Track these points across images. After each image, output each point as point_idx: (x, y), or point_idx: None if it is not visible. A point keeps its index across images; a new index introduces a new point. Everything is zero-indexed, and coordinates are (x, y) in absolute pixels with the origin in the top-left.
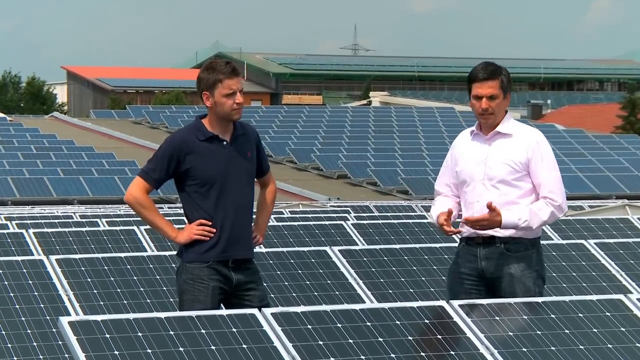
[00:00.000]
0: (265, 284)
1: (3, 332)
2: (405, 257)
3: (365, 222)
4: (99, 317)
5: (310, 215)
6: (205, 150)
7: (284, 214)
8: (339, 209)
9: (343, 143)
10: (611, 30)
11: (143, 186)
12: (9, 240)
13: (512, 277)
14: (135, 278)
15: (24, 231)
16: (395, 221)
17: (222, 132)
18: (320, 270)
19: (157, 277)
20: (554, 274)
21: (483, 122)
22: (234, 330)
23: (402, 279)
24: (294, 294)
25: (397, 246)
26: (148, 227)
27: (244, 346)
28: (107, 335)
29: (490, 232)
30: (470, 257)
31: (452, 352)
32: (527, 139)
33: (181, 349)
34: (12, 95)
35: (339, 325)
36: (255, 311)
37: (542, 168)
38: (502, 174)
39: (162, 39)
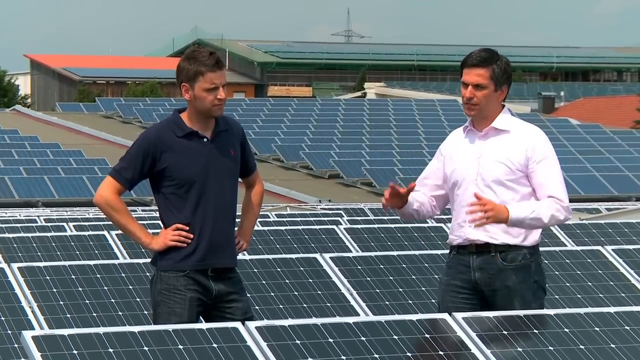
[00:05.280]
0: (249, 295)
1: None
2: (404, 265)
3: (359, 226)
4: (65, 332)
5: (298, 219)
6: (183, 147)
7: (269, 217)
8: (330, 211)
9: (335, 139)
10: (630, 15)
11: (114, 187)
12: None
13: (510, 290)
14: (105, 288)
15: None
16: (392, 225)
17: (203, 127)
18: (310, 280)
19: (130, 287)
20: (567, 284)
21: (467, 113)
22: (215, 345)
23: (400, 289)
24: (280, 306)
25: (395, 253)
26: (120, 232)
27: None
28: (75, 352)
29: (484, 238)
30: (462, 267)
31: None
32: (526, 136)
33: None
34: None
35: (331, 340)
36: (238, 324)
37: (543, 168)
38: (497, 174)
39: (136, 25)
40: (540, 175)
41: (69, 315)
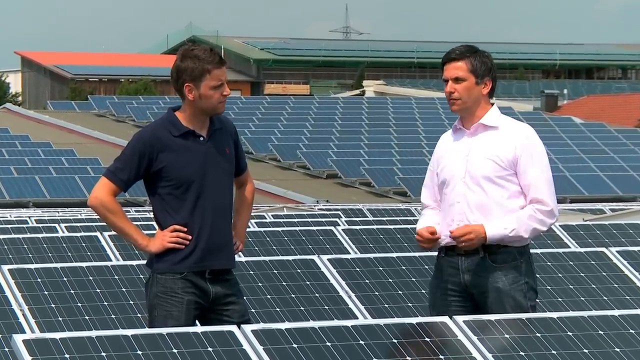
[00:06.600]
0: (245, 298)
1: None
2: (403, 267)
3: (357, 227)
4: (57, 335)
5: (295, 220)
6: (180, 147)
7: (266, 218)
8: (328, 212)
9: (333, 138)
10: (633, 11)
11: (109, 188)
12: None
13: (500, 292)
14: (98, 290)
15: None
16: (391, 226)
17: (199, 126)
18: (307, 282)
19: (123, 289)
20: (570, 286)
21: (452, 109)
22: (210, 349)
23: (400, 292)
24: (277, 309)
25: (394, 254)
26: (112, 232)
27: None
28: (67, 356)
29: None
30: (451, 269)
31: None
32: (516, 133)
33: None
34: None
35: (329, 343)
36: (233, 328)
37: (532, 168)
38: (486, 171)
39: (129, 21)
40: (528, 177)
41: (60, 319)
